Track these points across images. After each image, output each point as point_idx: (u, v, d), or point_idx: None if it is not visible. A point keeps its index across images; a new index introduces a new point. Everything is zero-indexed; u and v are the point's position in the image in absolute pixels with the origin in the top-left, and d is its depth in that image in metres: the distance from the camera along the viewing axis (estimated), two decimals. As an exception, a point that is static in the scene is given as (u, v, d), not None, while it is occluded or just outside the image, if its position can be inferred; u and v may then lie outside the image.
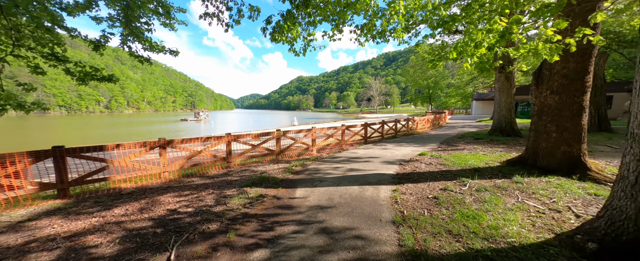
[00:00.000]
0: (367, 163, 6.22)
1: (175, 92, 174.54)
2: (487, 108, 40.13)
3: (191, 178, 5.07)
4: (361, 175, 5.12)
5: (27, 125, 38.91)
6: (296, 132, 7.69)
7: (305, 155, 7.67)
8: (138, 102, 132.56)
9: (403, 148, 8.31)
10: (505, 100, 9.27)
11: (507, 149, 7.21)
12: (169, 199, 3.77)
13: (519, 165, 4.91)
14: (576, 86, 4.09)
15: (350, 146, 9.31)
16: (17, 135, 25.39)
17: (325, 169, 5.68)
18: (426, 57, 20.39)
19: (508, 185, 3.95)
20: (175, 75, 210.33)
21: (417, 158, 6.64)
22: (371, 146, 9.14)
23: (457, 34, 15.48)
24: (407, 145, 9.16)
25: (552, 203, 3.16)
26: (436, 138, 10.77)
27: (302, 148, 7.85)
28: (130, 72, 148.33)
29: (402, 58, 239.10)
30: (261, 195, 3.96)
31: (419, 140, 10.33)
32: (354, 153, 7.74)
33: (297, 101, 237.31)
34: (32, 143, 18.38)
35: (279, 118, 68.39)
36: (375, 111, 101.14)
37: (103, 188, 4.32)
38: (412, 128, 14.03)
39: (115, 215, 3.16)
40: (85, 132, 28.81)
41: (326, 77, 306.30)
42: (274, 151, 7.05)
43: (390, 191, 4.05)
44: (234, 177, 5.13)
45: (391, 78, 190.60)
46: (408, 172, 5.18)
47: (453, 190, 3.88)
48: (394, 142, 10.00)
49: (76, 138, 23.36)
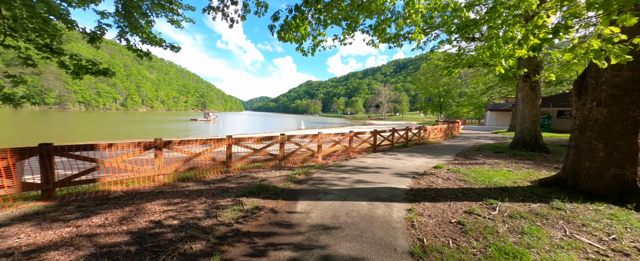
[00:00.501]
0: (376, 174, 5.69)
1: (188, 92, 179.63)
2: (502, 119, 38.51)
3: (186, 183, 4.71)
4: (371, 188, 4.60)
5: (47, 119, 40.65)
6: (301, 137, 7.27)
7: (309, 162, 7.21)
8: (152, 101, 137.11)
9: (415, 159, 7.70)
10: (529, 111, 8.52)
11: (535, 166, 6.47)
12: (156, 207, 3.40)
13: (556, 187, 4.25)
14: (632, 98, 3.47)
15: (358, 154, 8.78)
16: (32, 129, 26.36)
17: (331, 179, 5.19)
18: (440, 64, 19.67)
19: (547, 211, 3.33)
20: (189, 76, 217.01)
21: (432, 171, 6.04)
22: (381, 155, 8.57)
23: (474, 40, 14.82)
24: (420, 155, 8.53)
25: (613, 240, 2.54)
26: (451, 150, 10.06)
27: (307, 154, 7.41)
28: (147, 72, 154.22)
29: (413, 65, 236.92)
30: (258, 208, 3.53)
31: (432, 151, 9.66)
32: (362, 162, 7.22)
33: (305, 105, 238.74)
34: (42, 138, 18.89)
35: (287, 121, 68.54)
36: (384, 118, 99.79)
37: (91, 190, 4.02)
38: (423, 138, 13.32)
39: (91, 225, 2.80)
40: (100, 129, 29.63)
41: (335, 82, 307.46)
42: (277, 156, 6.64)
43: (405, 210, 3.51)
44: (232, 184, 4.73)
45: (400, 86, 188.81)
46: (424, 188, 4.61)
47: (480, 214, 3.30)
48: (405, 152, 9.38)
49: (91, 134, 23.97)
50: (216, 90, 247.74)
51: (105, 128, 29.75)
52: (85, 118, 49.29)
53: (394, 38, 10.34)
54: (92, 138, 19.39)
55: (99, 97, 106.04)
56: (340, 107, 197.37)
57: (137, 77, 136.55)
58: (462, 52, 12.29)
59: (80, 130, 27.35)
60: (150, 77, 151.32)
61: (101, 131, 26.85)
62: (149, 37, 4.17)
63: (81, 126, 31.73)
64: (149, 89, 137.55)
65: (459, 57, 12.51)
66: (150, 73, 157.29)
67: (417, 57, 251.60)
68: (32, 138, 17.71)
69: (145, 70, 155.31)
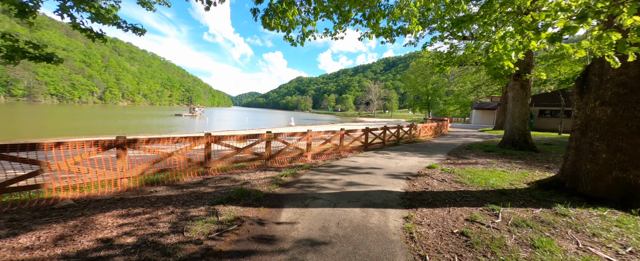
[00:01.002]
0: (369, 175, 5.34)
1: (173, 86, 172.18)
2: (487, 117, 39.80)
3: (155, 188, 4.12)
4: (363, 191, 4.23)
5: (12, 112, 37.23)
6: (289, 135, 6.78)
7: (298, 162, 6.76)
8: (133, 95, 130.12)
9: (408, 159, 7.45)
10: (519, 110, 8.52)
11: (527, 166, 6.40)
12: (109, 220, 2.83)
13: (554, 190, 4.08)
14: (638, 97, 3.28)
15: (349, 153, 8.43)
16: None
17: (320, 181, 4.78)
18: (431, 61, 19.70)
19: (552, 218, 3.10)
20: (174, 69, 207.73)
21: (426, 171, 5.78)
22: (372, 154, 8.27)
23: (465, 39, 14.82)
24: (412, 154, 8.32)
25: (630, 254, 2.31)
26: (442, 148, 9.96)
27: (295, 153, 6.94)
28: (127, 63, 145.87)
29: (402, 64, 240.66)
30: (236, 218, 3.05)
31: (424, 150, 9.50)
32: (354, 161, 6.86)
33: (295, 101, 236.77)
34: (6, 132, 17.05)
35: (276, 117, 67.37)
36: (373, 115, 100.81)
37: (34, 198, 3.35)
38: (414, 136, 13.23)
39: (15, 248, 2.21)
40: (72, 123, 27.42)
41: (326, 79, 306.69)
42: (263, 156, 6.13)
43: (402, 219, 3.17)
44: (208, 188, 4.20)
45: (390, 84, 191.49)
46: (419, 191, 4.31)
47: (483, 222, 3.01)
48: (396, 150, 9.15)
49: (62, 128, 22.06)
50: (203, 85, 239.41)
51: (78, 123, 27.58)
52: (59, 111, 45.72)
53: (387, 32, 9.96)
54: (61, 134, 17.76)
55: (73, 90, 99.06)
56: (331, 103, 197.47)
57: (116, 69, 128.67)
58: (454, 50, 12.17)
59: (50, 124, 25.12)
60: (131, 69, 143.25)
61: (73, 125, 24.82)
62: (98, 14, 3.45)
63: (53, 120, 29.23)
64: (129, 82, 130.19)
65: (450, 55, 12.37)
66: (132, 65, 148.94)
67: (407, 55, 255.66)
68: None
69: (126, 62, 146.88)
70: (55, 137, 15.16)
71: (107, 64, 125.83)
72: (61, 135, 16.33)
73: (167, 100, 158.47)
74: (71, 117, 34.28)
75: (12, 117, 29.83)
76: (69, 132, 19.34)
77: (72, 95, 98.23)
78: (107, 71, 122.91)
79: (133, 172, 4.21)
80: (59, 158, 3.60)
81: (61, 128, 22.44)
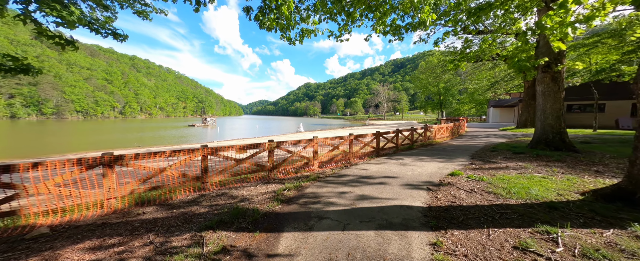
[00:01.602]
0: (383, 186, 4.69)
1: (186, 98, 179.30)
2: (506, 115, 37.59)
3: (144, 208, 3.73)
4: (378, 207, 3.60)
5: (42, 130, 39.80)
6: (293, 143, 6.29)
7: (304, 171, 6.22)
8: (150, 108, 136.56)
9: (426, 164, 6.70)
10: (551, 105, 7.53)
11: (571, 171, 5.46)
12: (75, 256, 2.41)
13: (621, 202, 3.25)
14: None
15: (360, 159, 7.79)
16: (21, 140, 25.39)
17: (328, 195, 4.20)
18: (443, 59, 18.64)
19: (634, 244, 2.33)
20: (187, 81, 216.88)
21: (449, 180, 5.04)
22: (385, 160, 7.58)
23: (480, 33, 13.90)
24: (430, 159, 7.53)
25: None
26: (462, 151, 9.06)
27: (300, 162, 6.42)
28: (145, 79, 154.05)
29: (411, 65, 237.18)
30: (224, 249, 2.54)
31: (442, 153, 8.66)
32: (365, 169, 6.22)
33: (304, 107, 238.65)
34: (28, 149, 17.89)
35: (286, 124, 67.70)
36: (383, 118, 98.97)
37: (9, 226, 3.03)
38: (429, 138, 12.32)
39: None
40: (94, 137, 28.74)
41: (333, 84, 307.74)
42: (265, 167, 5.66)
43: (428, 246, 2.52)
44: (202, 207, 3.75)
45: (399, 85, 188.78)
46: (445, 205, 3.62)
47: (540, 252, 2.30)
48: (411, 155, 8.38)
49: (84, 143, 23.07)
50: (215, 95, 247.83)
51: (100, 137, 28.87)
52: (82, 127, 48.49)
53: (395, 29, 9.33)
54: (83, 148, 18.42)
55: (96, 106, 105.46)
56: (340, 108, 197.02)
57: (135, 85, 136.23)
58: (468, 44, 11.28)
59: (72, 139, 26.39)
60: (148, 84, 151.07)
61: (96, 139, 25.94)
62: (60, 15, 3.12)
63: (75, 135, 30.80)
64: (147, 96, 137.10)
65: (465, 50, 11.50)
66: (148, 80, 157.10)
67: (415, 56, 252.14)
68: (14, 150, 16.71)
69: (143, 77, 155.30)
70: (74, 152, 15.65)
71: (126, 80, 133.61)
72: (81, 150, 16.86)
73: (181, 111, 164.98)
74: (94, 132, 36.07)
75: (41, 135, 31.80)
76: (91, 146, 20.06)
77: (96, 111, 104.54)
78: (127, 87, 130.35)
79: (122, 191, 3.86)
80: (38, 180, 3.30)
81: (84, 143, 23.47)
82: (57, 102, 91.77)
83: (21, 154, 14.92)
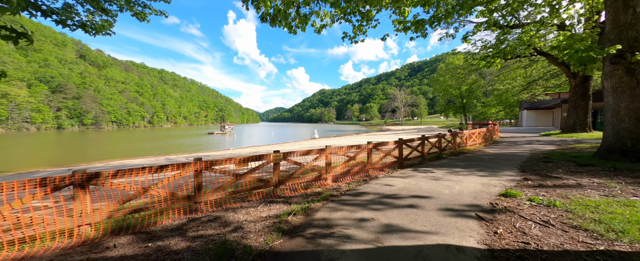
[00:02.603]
0: (414, 210, 3.64)
1: (208, 107, 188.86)
2: (543, 119, 33.85)
3: (119, 239, 3.07)
4: (413, 247, 2.59)
5: (82, 138, 43.49)
6: (303, 153, 5.45)
7: (315, 187, 5.33)
8: (175, 117, 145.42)
9: (464, 179, 5.46)
10: (627, 105, 5.92)
11: (681, 190, 3.96)
12: None
13: None
14: None
15: (380, 171, 6.72)
16: (65, 148, 27.55)
17: (343, 223, 3.26)
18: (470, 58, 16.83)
19: None
20: (209, 91, 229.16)
21: (504, 203, 3.83)
22: (411, 172, 6.43)
23: (515, 27, 12.35)
24: (467, 172, 6.25)
25: None
26: (505, 161, 7.58)
27: (311, 176, 5.54)
28: (171, 90, 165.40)
29: (429, 68, 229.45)
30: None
31: (481, 164, 7.27)
32: (388, 185, 5.17)
33: (319, 114, 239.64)
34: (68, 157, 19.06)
35: (301, 131, 67.70)
36: (401, 123, 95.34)
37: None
38: (460, 145, 10.82)
39: None
40: (127, 145, 30.73)
41: (348, 90, 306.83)
42: (270, 182, 4.86)
43: None
44: (185, 240, 2.99)
45: (417, 89, 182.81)
46: (514, 248, 2.49)
47: None
48: (442, 166, 7.12)
49: (121, 150, 24.58)
50: (234, 104, 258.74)
51: (132, 145, 30.74)
52: (117, 136, 52.42)
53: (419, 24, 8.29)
54: (112, 156, 19.32)
55: (129, 116, 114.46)
56: (355, 113, 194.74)
57: (162, 96, 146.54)
58: (504, 36, 9.79)
59: (111, 148, 28.25)
60: (173, 95, 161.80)
61: (129, 147, 27.56)
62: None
63: (113, 144, 33.08)
64: (172, 106, 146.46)
65: (500, 44, 9.98)
66: (174, 92, 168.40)
67: (433, 59, 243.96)
68: (55, 159, 17.85)
69: (170, 89, 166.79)
70: (114, 159, 16.31)
71: (155, 92, 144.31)
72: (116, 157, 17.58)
73: (203, 120, 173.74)
74: (127, 140, 38.62)
75: (85, 143, 34.65)
76: (132, 153, 21.10)
77: (128, 121, 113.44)
78: (155, 98, 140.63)
79: (97, 216, 3.25)
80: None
81: (120, 150, 25.03)
82: (95, 114, 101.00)
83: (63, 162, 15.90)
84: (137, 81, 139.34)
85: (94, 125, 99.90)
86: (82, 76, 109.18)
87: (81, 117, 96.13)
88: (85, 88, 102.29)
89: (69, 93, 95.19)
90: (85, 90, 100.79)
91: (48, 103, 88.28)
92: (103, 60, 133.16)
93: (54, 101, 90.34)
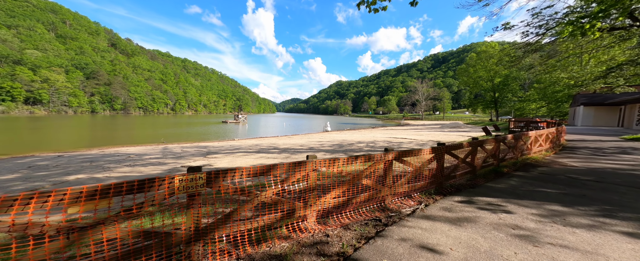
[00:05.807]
0: None
1: (227, 96, 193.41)
2: (605, 117, 27.77)
3: None
4: None
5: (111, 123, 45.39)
6: (258, 173, 2.80)
7: (280, 237, 2.70)
8: (196, 105, 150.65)
9: (590, 241, 2.49)
10: None
11: None
12: None
13: None
14: None
15: (405, 200, 3.91)
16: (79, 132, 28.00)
17: None
18: (507, 47, 12.19)
19: None
20: (228, 81, 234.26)
21: None
22: (462, 208, 3.53)
23: None
24: (580, 213, 3.19)
25: None
26: (625, 189, 4.30)
27: (274, 214, 2.92)
28: (192, 79, 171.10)
29: (455, 59, 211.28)
30: None
31: (589, 193, 4.09)
32: (428, 248, 2.39)
33: (335, 105, 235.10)
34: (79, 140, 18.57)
35: (314, 122, 65.42)
36: (421, 117, 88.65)
37: None
38: (523, 152, 7.45)
39: None
40: (153, 130, 31.43)
41: (366, 82, 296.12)
42: (174, 236, 2.34)
43: None
44: None
45: (440, 82, 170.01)
46: None
47: None
48: (517, 195, 4.08)
49: (143, 135, 25.31)
50: (251, 94, 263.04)
51: (157, 130, 31.46)
52: (143, 121, 54.55)
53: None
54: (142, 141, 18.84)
55: (153, 103, 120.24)
56: (372, 106, 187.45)
57: (184, 84, 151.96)
58: None
59: (137, 133, 28.97)
60: (195, 84, 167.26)
61: (153, 133, 27.98)
62: None
63: (138, 130, 33.98)
64: (193, 94, 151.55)
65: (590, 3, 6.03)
66: (195, 80, 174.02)
67: (459, 49, 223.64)
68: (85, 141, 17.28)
69: (191, 77, 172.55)
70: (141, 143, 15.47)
71: (177, 80, 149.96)
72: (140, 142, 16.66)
73: (222, 108, 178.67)
74: (150, 126, 39.62)
75: (115, 126, 36.08)
76: (148, 138, 20.57)
77: (153, 107, 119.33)
78: (178, 86, 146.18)
79: None
80: None
81: (143, 135, 25.60)
82: (124, 100, 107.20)
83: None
84: (161, 69, 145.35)
85: (123, 110, 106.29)
86: (113, 63, 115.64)
87: (111, 102, 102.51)
88: (115, 75, 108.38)
89: (101, 79, 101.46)
90: (115, 77, 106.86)
91: (83, 88, 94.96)
92: (132, 48, 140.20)
93: (88, 87, 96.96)
